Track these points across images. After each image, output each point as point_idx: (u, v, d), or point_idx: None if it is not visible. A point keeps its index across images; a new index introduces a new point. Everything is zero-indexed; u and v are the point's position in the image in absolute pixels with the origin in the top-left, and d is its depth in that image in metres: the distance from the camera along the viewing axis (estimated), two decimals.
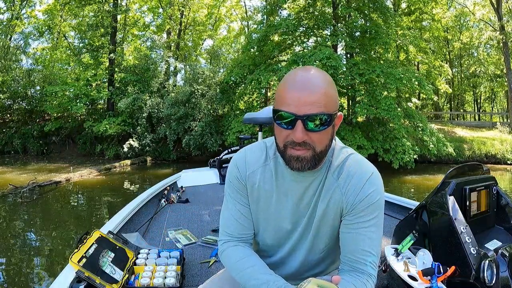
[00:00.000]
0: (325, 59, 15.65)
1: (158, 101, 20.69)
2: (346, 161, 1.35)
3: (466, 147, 20.00)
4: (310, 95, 1.15)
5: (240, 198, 1.45)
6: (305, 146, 1.19)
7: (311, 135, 1.18)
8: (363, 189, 1.29)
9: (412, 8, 26.25)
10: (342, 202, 1.32)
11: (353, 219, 1.31)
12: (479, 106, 42.51)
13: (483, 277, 1.75)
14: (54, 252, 6.47)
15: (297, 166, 1.22)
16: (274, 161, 1.39)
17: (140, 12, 30.46)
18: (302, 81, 1.17)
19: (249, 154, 1.45)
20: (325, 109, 1.16)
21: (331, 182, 1.33)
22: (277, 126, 1.22)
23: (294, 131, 1.16)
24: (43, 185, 11.95)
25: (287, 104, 1.16)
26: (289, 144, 1.20)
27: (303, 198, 1.36)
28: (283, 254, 1.49)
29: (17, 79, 24.22)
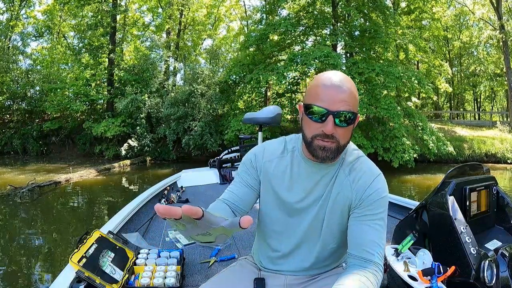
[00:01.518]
0: (323, 58, 15.65)
1: (157, 101, 20.67)
2: (357, 160, 1.50)
3: (466, 146, 20.01)
4: (341, 94, 1.32)
5: (246, 178, 1.59)
6: (332, 139, 1.34)
7: (338, 129, 1.33)
8: (371, 185, 1.43)
9: (411, 7, 26.19)
10: (351, 196, 1.45)
11: (362, 211, 1.43)
12: (479, 105, 42.55)
13: (483, 277, 1.75)
14: (54, 252, 6.47)
15: (322, 155, 1.37)
16: (291, 154, 1.55)
17: (139, 12, 30.44)
18: (335, 81, 1.33)
19: (268, 145, 1.63)
20: (352, 107, 1.33)
21: (342, 177, 1.47)
22: (308, 119, 1.37)
23: (325, 125, 1.32)
24: (43, 185, 11.93)
25: (321, 100, 1.32)
26: (317, 136, 1.35)
27: (314, 190, 1.49)
28: (292, 246, 1.57)
29: (16, 79, 24.23)
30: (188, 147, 19.76)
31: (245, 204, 1.57)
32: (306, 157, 1.49)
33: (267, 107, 4.33)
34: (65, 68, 27.53)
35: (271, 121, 4.06)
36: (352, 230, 1.44)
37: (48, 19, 28.13)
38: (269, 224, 1.60)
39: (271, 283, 1.60)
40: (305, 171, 1.50)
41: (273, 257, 1.61)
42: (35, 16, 28.81)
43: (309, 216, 1.51)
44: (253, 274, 1.64)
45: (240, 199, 1.56)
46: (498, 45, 29.30)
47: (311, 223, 1.51)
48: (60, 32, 29.60)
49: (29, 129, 23.44)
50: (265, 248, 1.65)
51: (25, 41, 27.91)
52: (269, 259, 1.63)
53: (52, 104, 22.25)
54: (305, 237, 1.53)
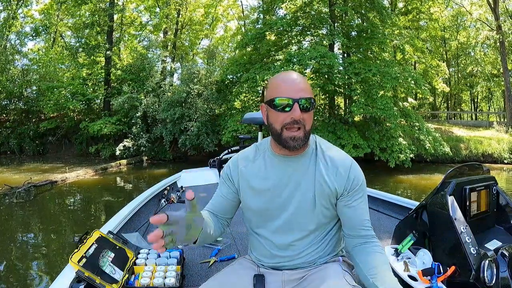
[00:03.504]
0: (319, 58, 15.65)
1: (153, 101, 20.64)
2: (329, 149, 1.64)
3: (463, 146, 20.03)
4: (300, 84, 1.49)
5: (225, 191, 1.73)
6: (299, 125, 1.47)
7: (304, 115, 1.47)
8: (350, 175, 1.58)
9: (409, 7, 26.28)
10: (335, 187, 1.57)
11: (349, 199, 1.58)
12: (476, 105, 42.64)
13: (483, 277, 1.75)
14: (51, 252, 6.45)
15: (293, 144, 1.49)
16: (263, 155, 1.67)
17: (137, 12, 30.42)
18: (290, 76, 1.52)
19: (240, 154, 1.76)
20: (311, 94, 1.49)
21: (322, 168, 1.59)
22: (275, 112, 1.49)
23: (292, 112, 1.45)
24: (39, 185, 11.91)
25: (283, 92, 1.47)
26: (286, 125, 1.48)
27: (291, 180, 1.60)
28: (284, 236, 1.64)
29: (12, 79, 24.18)
30: (185, 147, 19.75)
31: (226, 212, 1.74)
32: (276, 153, 1.61)
33: None
34: (62, 67, 27.47)
35: None
36: (346, 215, 1.59)
37: (45, 18, 28.04)
38: (256, 221, 1.69)
39: (270, 279, 1.63)
40: (278, 165, 1.61)
41: (270, 251, 1.66)
42: (32, 15, 28.75)
43: (295, 203, 1.59)
44: (253, 271, 1.68)
45: (220, 209, 1.73)
46: (495, 46, 29.31)
47: (299, 209, 1.59)
48: (57, 32, 29.55)
49: (26, 128, 23.43)
50: (258, 244, 1.71)
51: (22, 40, 27.80)
52: (266, 254, 1.68)
53: (49, 103, 22.18)
54: (296, 223, 1.62)
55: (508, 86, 25.89)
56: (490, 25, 29.02)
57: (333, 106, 20.58)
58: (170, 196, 4.35)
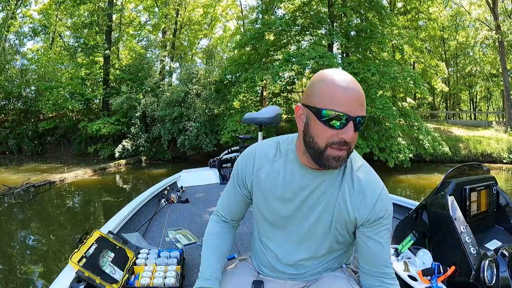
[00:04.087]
0: (318, 58, 15.65)
1: (152, 101, 20.63)
2: (359, 169, 1.42)
3: (462, 146, 20.05)
4: (360, 98, 1.24)
5: (238, 191, 1.60)
6: (346, 146, 1.26)
7: (355, 135, 1.26)
8: (377, 203, 1.37)
9: (408, 7, 26.30)
10: (358, 213, 1.39)
11: (371, 229, 1.40)
12: (475, 105, 42.66)
13: (483, 277, 1.76)
14: (51, 252, 6.45)
15: (335, 165, 1.29)
16: (284, 158, 1.46)
17: (135, 12, 30.42)
18: (349, 83, 1.24)
19: (258, 149, 1.53)
20: (365, 111, 1.27)
21: (346, 190, 1.40)
22: (320, 124, 1.25)
23: (345, 131, 1.23)
24: (37, 185, 11.90)
25: (341, 104, 1.21)
26: (332, 144, 1.26)
27: (310, 197, 1.42)
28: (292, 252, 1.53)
29: (11, 79, 24.17)
30: (184, 147, 19.73)
31: (238, 214, 1.68)
32: (301, 163, 1.40)
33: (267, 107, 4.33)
34: (61, 67, 27.44)
35: (271, 121, 4.06)
36: (365, 248, 1.43)
37: (44, 18, 28.03)
38: (265, 229, 1.59)
39: (270, 287, 1.58)
40: (299, 178, 1.42)
41: (272, 265, 1.58)
42: (31, 15, 28.72)
43: (309, 223, 1.46)
44: (252, 277, 1.61)
45: (233, 211, 1.67)
46: (494, 46, 29.35)
47: (312, 230, 1.47)
48: (56, 32, 29.54)
49: (25, 128, 23.40)
50: (262, 254, 1.62)
51: (21, 40, 27.80)
52: (268, 266, 1.61)
53: (48, 103, 22.17)
54: (307, 243, 1.51)
55: (507, 86, 25.92)
56: (489, 25, 29.04)
57: None
58: (170, 196, 4.36)
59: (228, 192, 1.65)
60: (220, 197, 1.71)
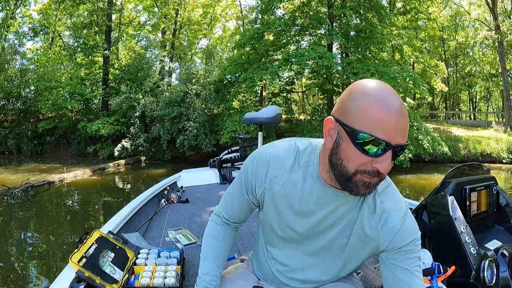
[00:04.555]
0: (317, 58, 15.64)
1: (151, 101, 20.61)
2: (383, 193, 1.29)
3: (462, 146, 20.06)
4: (405, 124, 1.04)
5: (244, 195, 1.43)
6: (378, 177, 1.09)
7: (390, 165, 1.07)
8: (402, 228, 1.23)
9: (407, 7, 26.31)
10: (379, 239, 1.25)
11: (396, 257, 1.24)
12: (474, 105, 42.69)
13: (483, 277, 1.76)
14: (50, 252, 6.44)
15: (364, 192, 1.12)
16: (303, 170, 1.29)
17: (135, 12, 30.43)
18: (397, 105, 1.04)
19: (274, 155, 1.33)
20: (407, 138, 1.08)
21: (366, 212, 1.26)
22: (353, 147, 1.06)
23: (381, 160, 1.05)
24: (36, 185, 11.88)
25: (382, 129, 1.02)
26: (364, 172, 1.08)
27: (328, 217, 1.28)
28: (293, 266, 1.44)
29: (11, 79, 24.16)
30: (183, 147, 19.71)
31: (241, 217, 1.55)
32: (324, 180, 1.23)
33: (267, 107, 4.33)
34: (60, 67, 27.43)
35: (271, 121, 4.05)
36: (391, 276, 1.25)
37: (44, 18, 28.03)
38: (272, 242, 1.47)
39: None
40: (318, 196, 1.26)
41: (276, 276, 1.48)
42: (30, 15, 28.72)
43: (323, 244, 1.33)
44: (252, 281, 1.56)
45: (236, 214, 1.53)
46: (494, 46, 29.39)
47: (325, 251, 1.35)
48: (56, 32, 29.54)
49: (24, 128, 23.37)
50: (266, 265, 1.52)
51: (21, 40, 27.78)
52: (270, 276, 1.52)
53: (47, 103, 22.16)
54: (317, 263, 1.39)
55: (506, 86, 25.94)
56: (489, 25, 29.07)
57: (332, 106, 20.54)
58: (170, 196, 4.35)
59: (232, 193, 1.50)
60: (223, 196, 1.58)
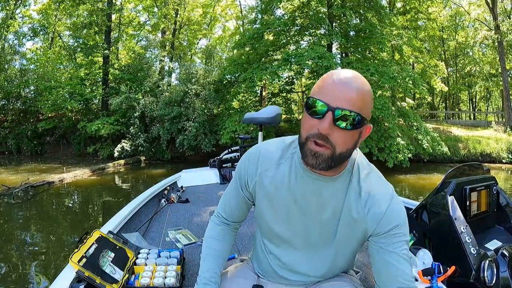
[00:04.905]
0: (317, 59, 15.63)
1: (151, 101, 20.60)
2: (367, 176, 1.34)
3: (461, 146, 20.05)
4: (348, 91, 1.12)
5: (240, 193, 1.52)
6: (327, 143, 1.14)
7: (336, 132, 1.13)
8: (388, 212, 1.28)
9: (407, 7, 26.30)
10: (367, 223, 1.30)
11: (384, 241, 1.29)
12: (474, 105, 42.68)
13: (483, 277, 1.76)
14: (50, 252, 6.43)
15: (312, 162, 1.18)
16: (289, 161, 1.37)
17: (135, 12, 30.42)
18: (345, 77, 1.14)
19: (264, 150, 1.44)
20: (358, 110, 1.13)
21: (352, 197, 1.31)
22: (306, 115, 1.18)
23: (321, 122, 1.12)
24: (36, 185, 11.86)
25: (324, 94, 1.13)
26: (311, 136, 1.16)
27: (316, 204, 1.34)
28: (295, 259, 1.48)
29: (10, 79, 24.16)
30: (182, 147, 19.70)
31: (240, 216, 1.63)
32: (305, 166, 1.28)
33: (267, 107, 4.33)
34: (60, 67, 27.43)
35: (271, 121, 4.04)
36: (380, 260, 1.30)
37: (44, 18, 28.03)
38: (268, 236, 1.52)
39: None
40: (302, 181, 1.33)
41: (274, 270, 1.53)
42: (30, 15, 28.70)
43: (314, 231, 1.38)
44: (251, 280, 1.59)
45: (234, 213, 1.61)
46: (494, 46, 29.39)
47: (317, 239, 1.40)
48: (56, 32, 29.54)
49: (24, 128, 23.37)
50: (264, 259, 1.57)
51: (20, 40, 27.79)
52: (269, 271, 1.57)
53: (47, 103, 22.17)
54: (311, 252, 1.44)
55: (506, 86, 25.94)
56: (489, 25, 29.06)
57: None
58: (170, 196, 4.36)
59: (229, 193, 1.58)
60: (221, 197, 1.65)
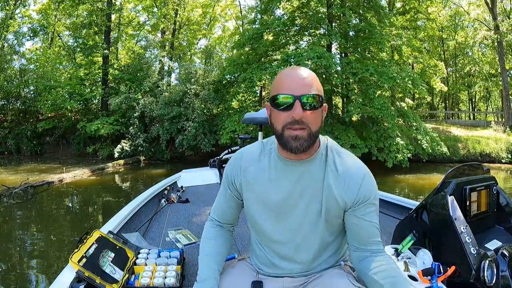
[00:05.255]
0: (316, 58, 15.61)
1: (151, 101, 20.59)
2: (340, 155, 1.51)
3: (461, 146, 20.06)
4: (304, 79, 1.35)
5: (229, 193, 1.67)
6: (302, 125, 1.33)
7: (307, 114, 1.33)
8: (362, 186, 1.45)
9: (407, 7, 26.30)
10: (345, 198, 1.46)
11: (360, 211, 1.46)
12: (473, 105, 42.68)
13: (483, 277, 1.75)
14: (50, 252, 6.44)
15: (295, 145, 1.35)
16: (268, 156, 1.54)
17: (134, 12, 30.41)
18: (294, 70, 1.38)
19: (245, 151, 1.64)
20: (317, 91, 1.35)
21: (331, 176, 1.47)
22: (276, 111, 1.38)
23: (293, 110, 1.32)
24: (36, 185, 11.88)
25: (285, 88, 1.34)
26: (287, 124, 1.35)
27: (296, 188, 1.48)
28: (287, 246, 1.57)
29: (10, 79, 24.15)
30: (182, 147, 19.69)
31: (232, 217, 1.74)
32: (282, 156, 1.48)
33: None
34: (60, 67, 27.42)
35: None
36: (354, 227, 1.49)
37: (43, 18, 28.03)
38: (259, 229, 1.61)
39: (269, 287, 1.59)
40: (283, 171, 1.49)
41: (270, 260, 1.61)
42: (30, 15, 28.70)
43: (299, 214, 1.51)
44: (251, 277, 1.63)
45: (226, 215, 1.73)
46: (493, 46, 29.40)
47: (303, 220, 1.51)
48: (55, 32, 29.52)
49: (23, 129, 23.37)
50: (260, 252, 1.65)
51: (20, 40, 27.77)
52: (266, 263, 1.63)
53: (47, 103, 22.16)
54: (300, 235, 1.54)
55: (505, 86, 25.96)
56: (488, 25, 29.06)
57: (331, 106, 20.55)
58: (170, 196, 4.36)
59: (220, 197, 1.73)
60: (214, 202, 1.77)
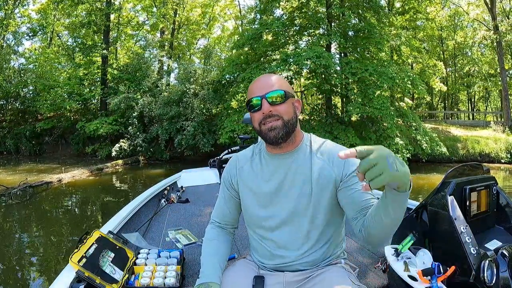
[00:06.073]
0: (315, 58, 15.60)
1: (150, 100, 20.57)
2: (323, 144, 1.68)
3: (460, 146, 20.06)
4: (268, 81, 1.59)
5: (228, 193, 1.83)
6: (274, 117, 1.55)
7: (275, 107, 1.55)
8: (347, 159, 1.52)
9: (406, 7, 26.26)
10: (334, 174, 1.58)
11: (350, 182, 1.55)
12: (473, 105, 42.68)
13: (483, 277, 1.75)
14: (49, 253, 6.42)
15: (273, 135, 1.55)
16: (259, 155, 1.75)
17: (134, 11, 30.38)
18: (261, 77, 1.63)
19: (239, 154, 1.85)
20: (280, 88, 1.57)
21: (317, 161, 1.62)
22: (252, 113, 1.60)
23: (263, 108, 1.55)
24: (34, 185, 11.88)
25: (254, 93, 1.58)
26: (262, 120, 1.56)
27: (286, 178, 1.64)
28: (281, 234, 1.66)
29: (9, 78, 24.14)
30: (181, 147, 19.68)
31: (233, 218, 1.88)
32: (270, 152, 1.68)
33: None
34: (59, 67, 27.40)
35: None
36: (349, 198, 1.55)
37: (42, 18, 28.01)
38: (255, 220, 1.72)
39: (271, 281, 1.64)
40: (272, 164, 1.67)
41: (270, 251, 1.68)
42: (29, 15, 28.70)
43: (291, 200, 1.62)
44: (253, 272, 1.69)
45: (226, 216, 1.87)
46: (492, 46, 29.41)
47: (295, 205, 1.62)
48: (54, 31, 29.50)
49: (22, 129, 23.38)
50: (258, 245, 1.74)
51: (19, 40, 27.77)
52: (266, 255, 1.70)
53: (46, 103, 22.14)
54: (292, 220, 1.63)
55: (505, 86, 25.98)
56: (487, 25, 29.06)
57: (330, 105, 20.54)
58: (170, 196, 4.35)
59: (220, 199, 1.88)
60: (214, 206, 1.91)
